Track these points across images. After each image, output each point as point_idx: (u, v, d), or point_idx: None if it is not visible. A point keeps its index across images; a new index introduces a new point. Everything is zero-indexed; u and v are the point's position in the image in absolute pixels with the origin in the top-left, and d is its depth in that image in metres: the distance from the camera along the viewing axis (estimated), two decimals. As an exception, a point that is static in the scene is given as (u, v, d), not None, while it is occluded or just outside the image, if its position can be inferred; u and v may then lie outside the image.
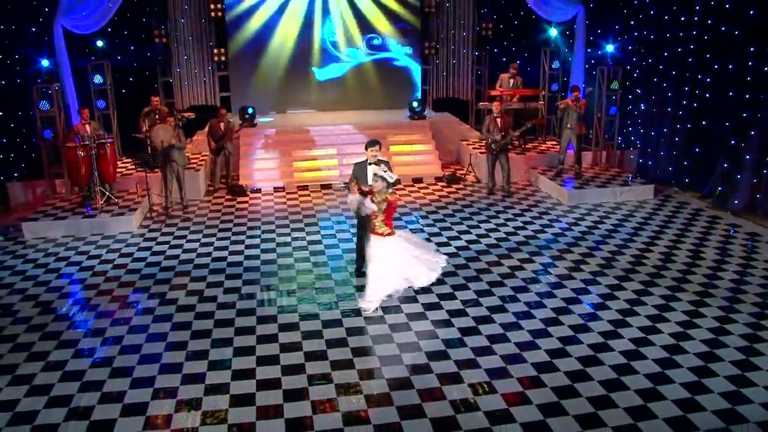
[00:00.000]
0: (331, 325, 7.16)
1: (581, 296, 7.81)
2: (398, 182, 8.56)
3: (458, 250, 9.42)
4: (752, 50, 10.54)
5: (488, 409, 5.62)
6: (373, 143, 8.01)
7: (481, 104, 15.36)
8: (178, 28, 15.09)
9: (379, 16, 15.70)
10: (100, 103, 13.36)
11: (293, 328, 7.10)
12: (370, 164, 7.84)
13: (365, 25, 15.72)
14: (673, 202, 11.67)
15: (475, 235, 10.06)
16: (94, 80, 13.23)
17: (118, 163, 12.40)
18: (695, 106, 11.96)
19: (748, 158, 10.76)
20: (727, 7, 11.03)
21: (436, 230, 10.29)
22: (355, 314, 7.38)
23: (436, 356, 6.47)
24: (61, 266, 9.11)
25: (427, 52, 16.08)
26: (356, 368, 6.27)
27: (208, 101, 15.64)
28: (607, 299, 7.72)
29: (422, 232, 10.20)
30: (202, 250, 9.62)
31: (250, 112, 14.19)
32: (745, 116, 10.77)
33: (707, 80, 11.60)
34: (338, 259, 9.14)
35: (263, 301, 7.83)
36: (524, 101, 14.33)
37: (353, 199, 7.48)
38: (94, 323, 7.36)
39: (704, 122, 11.79)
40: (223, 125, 12.50)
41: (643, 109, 13.31)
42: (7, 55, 12.26)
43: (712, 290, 7.91)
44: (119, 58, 14.48)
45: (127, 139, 13.61)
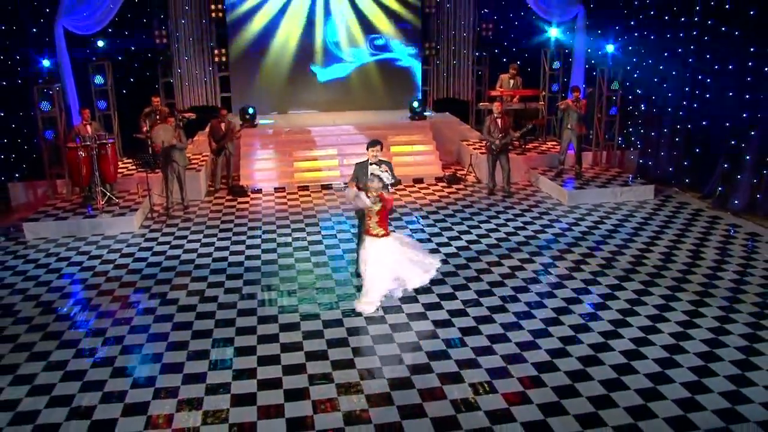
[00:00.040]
0: (331, 325, 7.18)
1: (582, 296, 7.82)
2: (398, 183, 8.57)
3: (459, 250, 9.44)
4: (752, 50, 10.56)
5: (489, 408, 5.63)
6: (374, 143, 8.02)
7: (481, 105, 15.37)
8: (179, 28, 15.13)
9: (380, 16, 15.72)
10: (101, 103, 13.38)
11: (294, 328, 7.12)
12: (371, 164, 7.85)
13: (367, 25, 15.74)
14: (673, 202, 11.68)
15: (475, 235, 10.07)
16: (95, 81, 13.25)
17: (119, 163, 12.42)
18: (695, 106, 11.97)
19: (748, 158, 10.77)
20: (727, 7, 11.04)
21: (436, 230, 10.31)
22: (355, 314, 7.38)
23: (436, 356, 6.48)
24: (62, 266, 9.13)
25: (427, 52, 16.10)
26: (357, 368, 6.28)
27: (208, 102, 15.68)
28: (607, 299, 7.73)
29: (423, 232, 10.22)
30: (203, 250, 9.64)
31: (250, 112, 14.22)
32: (745, 116, 10.79)
33: (707, 81, 11.62)
34: (339, 259, 9.15)
35: (264, 301, 7.84)
36: (524, 102, 14.34)
37: (350, 191, 7.48)
38: (95, 323, 7.38)
39: (704, 123, 11.80)
40: (223, 126, 12.52)
41: (643, 109, 13.32)
42: (8, 55, 12.27)
43: (712, 290, 7.92)
44: (120, 58, 14.51)
45: (128, 139, 13.65)
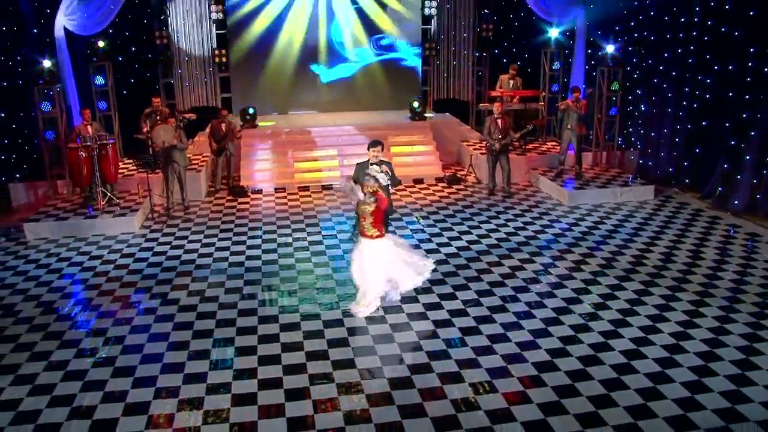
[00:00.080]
0: (332, 324, 7.19)
1: (582, 296, 7.83)
2: (398, 183, 8.57)
3: (459, 250, 9.44)
4: (752, 51, 10.57)
5: (489, 408, 5.64)
6: (375, 144, 8.04)
7: (481, 105, 15.40)
8: (179, 29, 15.13)
9: (383, 17, 15.73)
10: (101, 104, 13.41)
11: (294, 327, 7.13)
12: (372, 164, 7.87)
13: (371, 25, 15.75)
14: (673, 202, 11.68)
15: (475, 235, 10.08)
16: (95, 81, 13.27)
17: (119, 163, 12.44)
18: (695, 106, 11.98)
19: (748, 159, 10.78)
20: (726, 7, 11.05)
21: (436, 230, 10.32)
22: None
23: (436, 356, 6.49)
24: (62, 267, 9.14)
25: (427, 53, 16.11)
26: (357, 368, 6.30)
27: (209, 102, 15.69)
28: (607, 299, 7.74)
29: (423, 232, 10.23)
30: (203, 250, 9.65)
31: (251, 113, 14.23)
32: (745, 117, 10.80)
33: (707, 81, 11.63)
34: (339, 259, 9.15)
35: (265, 301, 7.86)
36: (524, 102, 14.36)
37: (347, 184, 7.47)
38: (96, 323, 7.39)
39: (704, 123, 11.80)
40: (224, 126, 12.54)
41: (643, 109, 13.33)
42: (8, 56, 12.28)
43: (712, 290, 7.93)
44: (120, 59, 14.52)
45: (128, 140, 13.66)
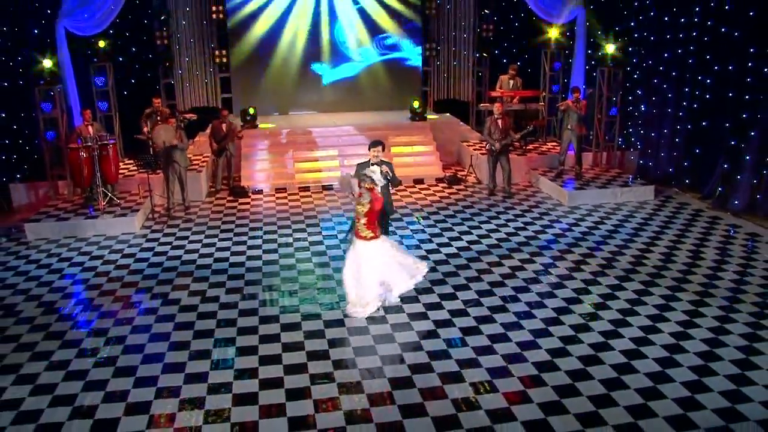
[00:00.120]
0: (332, 324, 7.20)
1: (582, 296, 7.84)
2: (399, 183, 8.57)
3: (459, 250, 9.46)
4: (752, 51, 10.59)
5: (489, 407, 5.66)
6: (375, 144, 8.05)
7: (482, 106, 15.41)
8: (179, 29, 15.15)
9: (385, 17, 15.74)
10: (102, 104, 13.43)
11: (295, 327, 7.14)
12: (372, 164, 7.88)
13: (374, 25, 15.75)
14: (673, 202, 11.69)
15: (476, 235, 10.09)
16: (96, 82, 13.29)
17: (120, 164, 12.45)
18: (695, 107, 11.99)
19: (748, 159, 10.79)
20: (726, 8, 11.07)
21: (437, 231, 10.33)
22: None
23: (437, 356, 6.50)
24: (63, 267, 9.15)
25: (428, 53, 16.12)
26: (358, 367, 6.31)
27: (209, 103, 15.71)
28: (607, 299, 7.75)
29: (423, 232, 10.24)
30: (204, 250, 9.66)
31: (251, 113, 14.24)
32: (745, 117, 10.81)
33: (707, 81, 11.64)
34: (340, 259, 9.12)
35: (265, 301, 7.87)
36: (525, 103, 14.37)
37: (344, 177, 7.46)
38: (97, 323, 7.40)
39: (704, 123, 11.82)
40: (225, 126, 12.56)
41: (643, 110, 13.34)
42: (9, 56, 12.30)
43: (712, 290, 7.94)
44: (121, 59, 14.54)
45: (129, 140, 13.68)
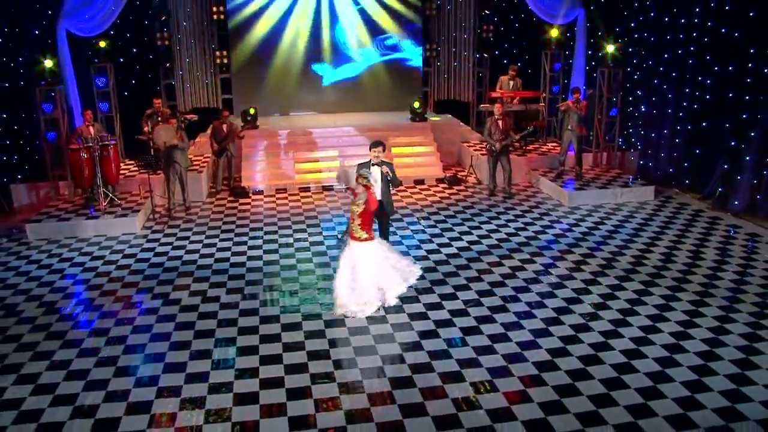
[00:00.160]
0: (333, 324, 7.21)
1: (582, 296, 7.85)
2: (399, 184, 8.58)
3: (460, 250, 9.47)
4: (752, 52, 10.60)
5: (490, 407, 5.67)
6: (376, 144, 8.07)
7: (482, 106, 15.41)
8: (180, 30, 15.16)
9: (386, 18, 15.75)
10: (103, 105, 13.44)
11: (296, 327, 7.15)
12: (373, 165, 7.89)
13: (375, 25, 15.76)
14: (673, 203, 11.70)
15: (476, 235, 10.10)
16: (97, 82, 13.30)
17: (121, 164, 12.46)
18: (695, 107, 12.01)
19: (748, 159, 10.80)
20: (726, 9, 11.08)
21: (437, 231, 10.34)
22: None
23: (437, 355, 6.51)
24: (64, 267, 9.17)
25: (428, 54, 16.13)
26: (359, 367, 6.32)
27: (210, 103, 15.71)
28: (607, 299, 7.76)
29: (424, 232, 10.26)
30: (204, 251, 9.68)
31: (252, 114, 14.25)
32: (745, 117, 10.82)
33: (707, 82, 11.65)
34: (340, 259, 9.17)
35: (266, 301, 7.88)
36: (525, 103, 14.38)
37: (343, 169, 7.50)
38: (98, 323, 7.41)
39: (704, 124, 11.83)
40: (225, 127, 12.58)
41: (643, 110, 13.36)
42: (10, 57, 12.32)
43: (712, 290, 7.96)
44: (122, 60, 14.56)
45: (129, 140, 13.69)
